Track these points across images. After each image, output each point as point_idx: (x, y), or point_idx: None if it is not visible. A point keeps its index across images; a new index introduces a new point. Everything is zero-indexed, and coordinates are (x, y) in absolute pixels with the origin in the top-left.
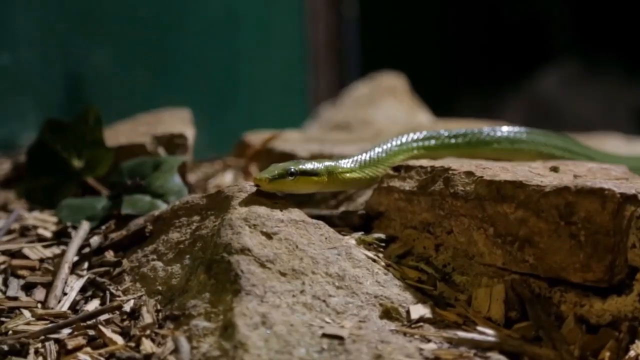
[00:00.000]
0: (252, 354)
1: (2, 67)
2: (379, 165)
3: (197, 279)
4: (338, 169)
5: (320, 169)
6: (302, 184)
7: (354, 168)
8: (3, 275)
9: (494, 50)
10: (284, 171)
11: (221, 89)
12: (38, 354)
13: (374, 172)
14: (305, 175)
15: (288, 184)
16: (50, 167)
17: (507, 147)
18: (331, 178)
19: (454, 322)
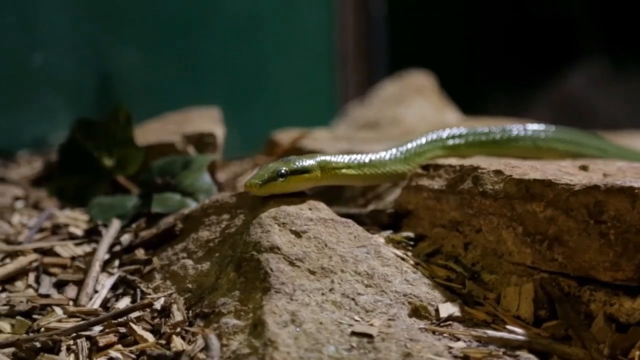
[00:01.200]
0: (281, 352)
1: (34, 67)
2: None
3: (227, 277)
4: (331, 164)
5: (312, 164)
6: (294, 183)
7: (351, 164)
8: (35, 272)
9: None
10: (273, 173)
11: (250, 87)
12: (70, 351)
13: (372, 170)
14: (297, 174)
15: (280, 185)
16: (81, 166)
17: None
18: (325, 173)
19: (483, 320)
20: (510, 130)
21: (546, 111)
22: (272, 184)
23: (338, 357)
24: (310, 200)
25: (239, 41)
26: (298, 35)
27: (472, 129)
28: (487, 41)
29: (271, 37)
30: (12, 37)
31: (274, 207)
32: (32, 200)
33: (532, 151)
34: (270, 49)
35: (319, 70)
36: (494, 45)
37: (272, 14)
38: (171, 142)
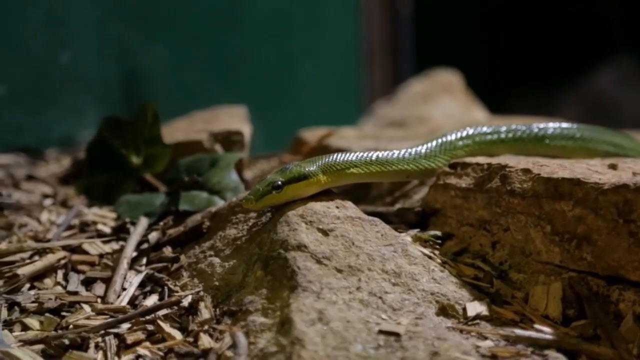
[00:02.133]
0: (308, 350)
1: (62, 65)
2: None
3: (254, 275)
4: (336, 166)
5: (311, 170)
6: (292, 192)
7: (358, 163)
8: (64, 270)
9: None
10: (268, 186)
11: (277, 86)
12: (98, 348)
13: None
14: (294, 182)
15: (276, 197)
16: (109, 164)
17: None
18: (331, 176)
19: (511, 319)
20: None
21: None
22: (268, 197)
23: (365, 355)
24: (337, 199)
25: (267, 40)
26: (325, 33)
27: (481, 129)
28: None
29: (298, 36)
30: (41, 36)
31: (301, 206)
32: (61, 198)
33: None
34: (297, 48)
35: (346, 68)
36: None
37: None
38: (198, 140)
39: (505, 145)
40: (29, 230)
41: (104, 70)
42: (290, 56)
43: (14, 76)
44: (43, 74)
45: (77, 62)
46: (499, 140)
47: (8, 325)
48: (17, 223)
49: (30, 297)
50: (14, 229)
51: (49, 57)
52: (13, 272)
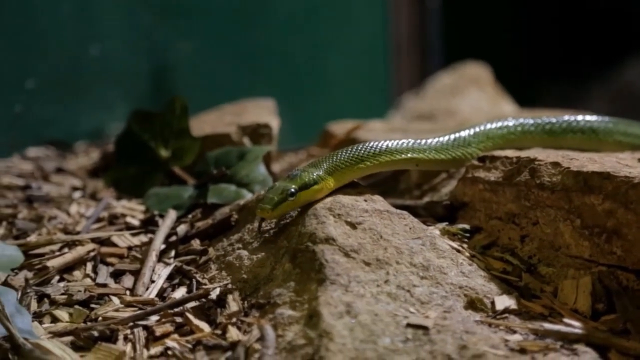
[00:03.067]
0: (337, 343)
1: (91, 58)
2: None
3: (282, 268)
4: (342, 166)
5: (320, 175)
6: (304, 197)
7: (364, 157)
8: (93, 262)
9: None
10: (283, 194)
11: (305, 79)
12: (127, 340)
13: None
14: (306, 189)
15: (291, 204)
16: (137, 157)
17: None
18: (338, 177)
19: (540, 313)
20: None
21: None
22: (284, 205)
23: (393, 348)
24: (365, 192)
25: (295, 33)
26: (353, 27)
27: (489, 125)
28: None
29: (327, 29)
30: (71, 30)
31: (329, 198)
32: (90, 191)
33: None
34: (325, 41)
35: (374, 61)
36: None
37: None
38: (227, 133)
39: (517, 137)
40: (59, 222)
41: (134, 64)
42: (319, 49)
43: (44, 69)
44: (73, 68)
45: (107, 56)
46: (509, 132)
47: (38, 317)
48: (47, 215)
49: (59, 289)
50: (43, 222)
51: (79, 50)
52: (43, 264)
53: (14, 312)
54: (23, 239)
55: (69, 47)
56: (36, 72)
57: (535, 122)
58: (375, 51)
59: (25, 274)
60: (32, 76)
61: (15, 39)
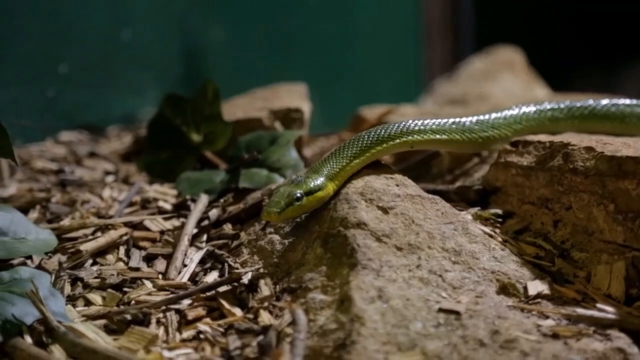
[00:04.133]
0: (368, 328)
1: (124, 43)
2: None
3: (314, 253)
4: (336, 169)
5: (323, 182)
6: (309, 203)
7: (355, 154)
8: (125, 246)
9: (614, 24)
10: (290, 198)
11: (337, 63)
12: (159, 323)
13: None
14: (311, 194)
15: (296, 209)
16: (169, 141)
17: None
18: (335, 181)
19: (573, 298)
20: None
21: (637, 87)
22: (290, 209)
23: (425, 333)
24: (397, 176)
25: (326, 17)
26: (384, 11)
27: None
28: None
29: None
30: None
31: (361, 183)
32: (122, 175)
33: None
34: (357, 25)
35: (406, 46)
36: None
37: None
38: (258, 118)
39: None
40: (92, 206)
41: (165, 48)
42: (350, 33)
43: (77, 54)
44: (105, 52)
45: (139, 40)
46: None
47: (71, 300)
48: (80, 199)
49: (92, 273)
50: (76, 206)
51: (111, 35)
52: (76, 248)
53: (47, 295)
54: (56, 223)
55: (102, 31)
56: (69, 57)
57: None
58: (407, 35)
59: (59, 258)
60: (65, 61)
61: (47, 24)
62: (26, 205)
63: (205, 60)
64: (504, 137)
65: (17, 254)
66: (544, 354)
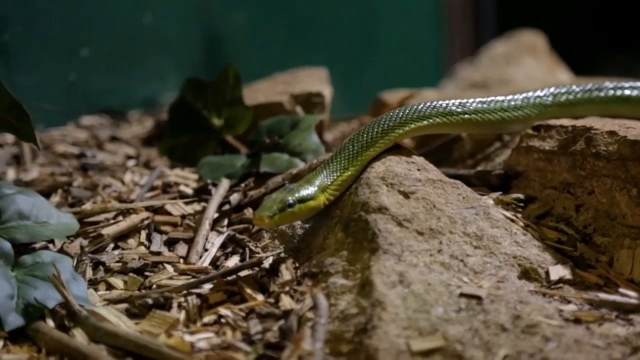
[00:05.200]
0: (389, 312)
1: (145, 28)
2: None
3: (335, 237)
4: (327, 182)
5: (315, 192)
6: (300, 211)
7: (347, 165)
8: (147, 230)
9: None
10: (282, 204)
11: (357, 48)
12: (181, 307)
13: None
14: (303, 202)
15: (289, 215)
16: (191, 125)
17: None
18: (326, 193)
19: (595, 283)
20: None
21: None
22: (282, 215)
23: (446, 318)
24: (418, 161)
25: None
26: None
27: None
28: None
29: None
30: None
31: (382, 167)
32: (144, 159)
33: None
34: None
35: (427, 29)
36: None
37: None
38: (279, 102)
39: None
40: (113, 190)
41: (187, 33)
42: (371, 17)
43: (99, 39)
44: (127, 37)
45: (160, 25)
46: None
47: (93, 284)
48: (101, 183)
49: (114, 257)
50: (98, 190)
51: (133, 19)
52: (98, 232)
53: (69, 279)
54: (78, 207)
55: (123, 16)
56: (91, 41)
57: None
58: (428, 20)
59: (81, 242)
60: (87, 46)
61: (70, 8)
62: (48, 189)
63: (227, 45)
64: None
65: (39, 238)
66: (565, 338)
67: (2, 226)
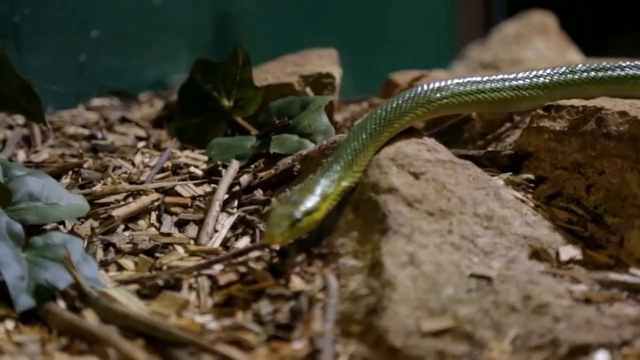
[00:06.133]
0: (400, 293)
1: (155, 8)
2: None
3: (345, 218)
4: (330, 191)
5: (318, 202)
6: (306, 225)
7: (344, 175)
8: (157, 212)
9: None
10: (290, 221)
11: (368, 29)
12: (191, 289)
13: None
14: (309, 215)
15: (297, 231)
16: (200, 107)
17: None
18: (328, 203)
19: (605, 263)
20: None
21: None
22: (292, 231)
23: (457, 299)
24: (428, 142)
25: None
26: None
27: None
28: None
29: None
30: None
31: (392, 148)
32: (154, 141)
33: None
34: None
35: (438, 11)
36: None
37: None
38: (289, 83)
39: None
40: (123, 172)
41: (197, 14)
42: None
43: (108, 20)
44: (136, 18)
45: (170, 6)
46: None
47: (104, 265)
48: (112, 165)
49: (124, 238)
50: (108, 171)
51: (143, 1)
52: (108, 213)
53: (80, 260)
54: (88, 189)
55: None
56: (100, 23)
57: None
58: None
59: (91, 223)
60: (97, 27)
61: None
62: (58, 171)
63: (236, 26)
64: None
65: (50, 220)
66: (576, 319)
67: (13, 208)
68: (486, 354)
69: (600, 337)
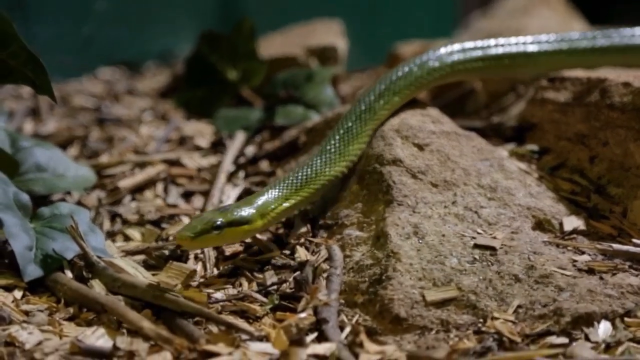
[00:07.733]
0: (404, 263)
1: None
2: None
3: (350, 190)
4: (270, 206)
5: (252, 214)
6: (231, 235)
7: (288, 195)
8: (163, 183)
9: None
10: (207, 225)
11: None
12: (197, 259)
13: (309, 191)
14: (234, 226)
15: (214, 239)
16: (206, 78)
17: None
18: (266, 219)
19: (609, 234)
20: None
21: None
22: (205, 237)
23: (461, 269)
24: (433, 113)
25: None
26: None
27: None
28: None
29: None
30: None
31: (397, 120)
32: (159, 112)
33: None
34: None
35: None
36: None
37: None
38: (294, 55)
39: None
40: (129, 143)
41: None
42: None
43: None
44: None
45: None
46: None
47: (110, 236)
48: (118, 136)
49: (131, 209)
50: (114, 142)
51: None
52: (114, 184)
53: (87, 231)
54: (95, 160)
55: None
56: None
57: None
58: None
59: (98, 194)
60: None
61: None
62: (65, 142)
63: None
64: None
65: (57, 190)
66: (579, 288)
67: (20, 178)
68: (490, 323)
69: (603, 307)
